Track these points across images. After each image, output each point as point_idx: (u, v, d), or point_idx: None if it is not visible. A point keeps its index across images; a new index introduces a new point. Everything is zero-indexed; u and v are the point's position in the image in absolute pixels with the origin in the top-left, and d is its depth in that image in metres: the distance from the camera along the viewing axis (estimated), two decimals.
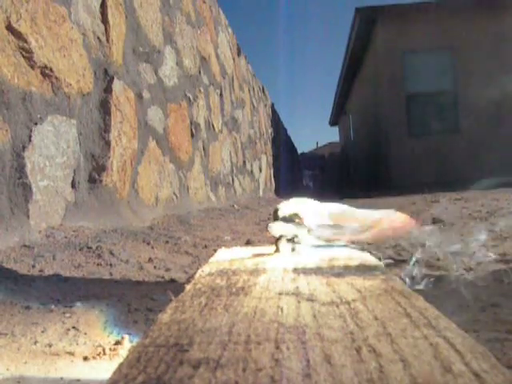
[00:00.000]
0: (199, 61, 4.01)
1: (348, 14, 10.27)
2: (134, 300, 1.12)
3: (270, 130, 9.16)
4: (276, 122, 10.43)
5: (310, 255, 0.78)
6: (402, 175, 7.82)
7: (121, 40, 2.41)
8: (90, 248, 1.60)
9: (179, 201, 3.16)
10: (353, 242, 0.83)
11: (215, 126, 4.47)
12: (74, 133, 1.94)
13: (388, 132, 8.26)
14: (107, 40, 2.26)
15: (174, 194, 3.10)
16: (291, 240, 0.83)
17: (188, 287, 0.57)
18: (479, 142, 7.63)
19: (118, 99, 2.27)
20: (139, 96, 2.60)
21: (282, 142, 11.22)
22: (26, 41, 1.63)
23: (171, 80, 3.19)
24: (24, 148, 1.60)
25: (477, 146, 7.63)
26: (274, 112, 10.11)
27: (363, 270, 0.65)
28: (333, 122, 18.87)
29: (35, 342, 0.83)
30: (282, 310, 0.45)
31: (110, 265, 1.49)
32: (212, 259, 0.80)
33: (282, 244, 0.83)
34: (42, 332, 0.87)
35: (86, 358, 0.77)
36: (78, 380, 0.70)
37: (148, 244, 1.89)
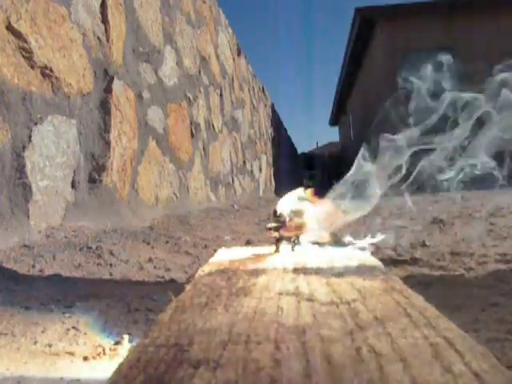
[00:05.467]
0: (199, 61, 4.01)
1: (348, 14, 10.27)
2: (134, 300, 1.12)
3: (269, 130, 9.16)
4: (276, 121, 10.42)
5: (310, 255, 0.78)
6: None
7: (121, 40, 2.41)
8: (90, 248, 1.60)
9: (179, 201, 3.16)
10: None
11: (215, 126, 4.46)
12: (74, 133, 1.94)
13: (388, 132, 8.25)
14: (107, 40, 2.26)
15: (174, 193, 3.10)
16: (291, 240, 0.83)
17: (188, 287, 0.57)
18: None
19: (117, 99, 2.27)
20: (139, 96, 2.60)
21: (281, 141, 11.22)
22: (25, 41, 1.63)
23: (171, 80, 3.19)
24: (24, 148, 1.60)
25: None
26: (273, 112, 10.10)
27: (363, 270, 0.65)
28: (333, 122, 18.88)
29: (35, 342, 0.83)
30: (281, 310, 0.45)
31: (110, 265, 1.49)
32: (212, 259, 0.80)
33: (282, 244, 0.83)
34: (42, 332, 0.87)
35: (85, 358, 0.77)
36: (78, 380, 0.69)
37: (148, 244, 1.89)
